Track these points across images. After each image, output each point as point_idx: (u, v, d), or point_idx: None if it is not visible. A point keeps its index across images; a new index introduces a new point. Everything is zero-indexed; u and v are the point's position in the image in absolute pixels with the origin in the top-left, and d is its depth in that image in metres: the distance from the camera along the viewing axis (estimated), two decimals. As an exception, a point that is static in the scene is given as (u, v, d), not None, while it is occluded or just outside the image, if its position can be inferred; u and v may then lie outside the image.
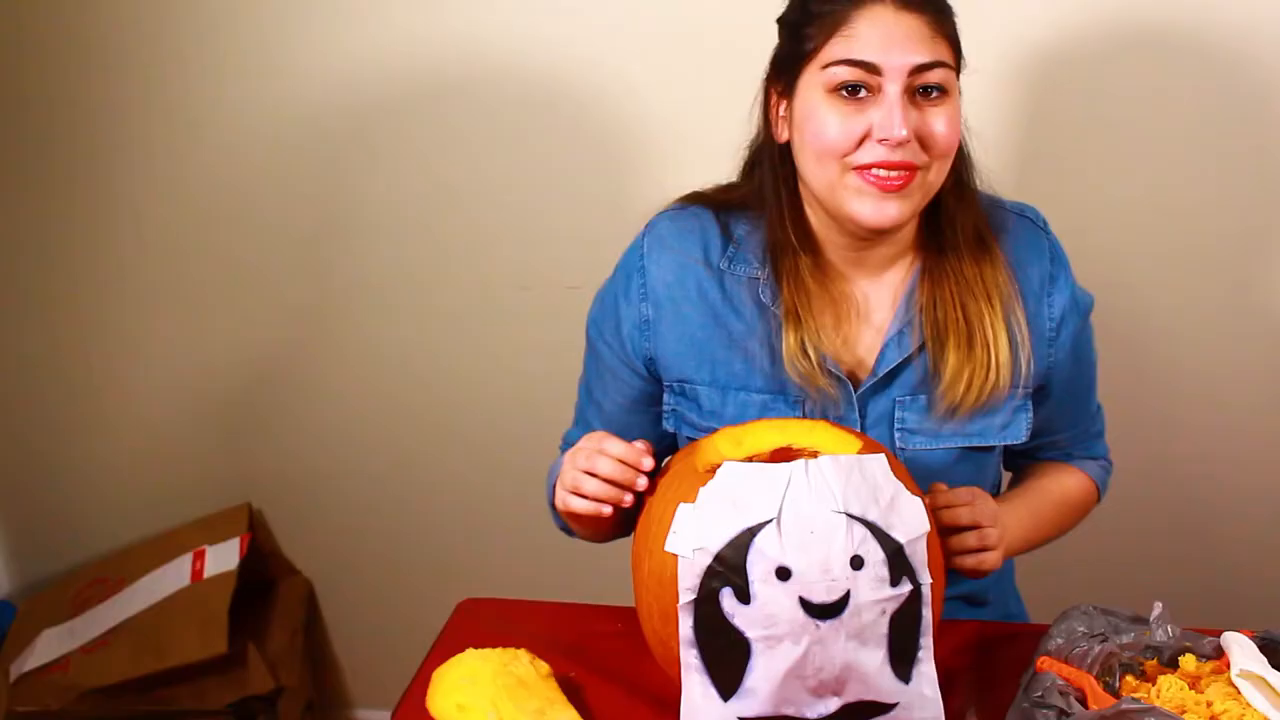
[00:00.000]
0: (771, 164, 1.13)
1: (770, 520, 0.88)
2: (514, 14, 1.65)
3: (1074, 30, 1.51)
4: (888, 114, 1.01)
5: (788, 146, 1.11)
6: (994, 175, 1.16)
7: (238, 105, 1.78)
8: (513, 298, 1.79)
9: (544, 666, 1.05)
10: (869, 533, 0.88)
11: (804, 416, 1.12)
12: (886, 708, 0.90)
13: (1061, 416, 1.23)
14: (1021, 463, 1.29)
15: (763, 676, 0.88)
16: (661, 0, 1.60)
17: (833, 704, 0.89)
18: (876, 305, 1.15)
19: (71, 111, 1.83)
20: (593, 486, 1.01)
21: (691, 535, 0.90)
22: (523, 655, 1.05)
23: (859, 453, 0.93)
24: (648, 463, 1.00)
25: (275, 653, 1.88)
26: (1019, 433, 1.16)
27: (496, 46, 1.67)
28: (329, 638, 2.11)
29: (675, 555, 0.90)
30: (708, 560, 0.88)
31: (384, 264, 1.83)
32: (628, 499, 1.00)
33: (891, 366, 1.12)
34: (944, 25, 1.03)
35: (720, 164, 1.20)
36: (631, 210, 1.24)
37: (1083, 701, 0.89)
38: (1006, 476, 1.31)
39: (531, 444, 1.29)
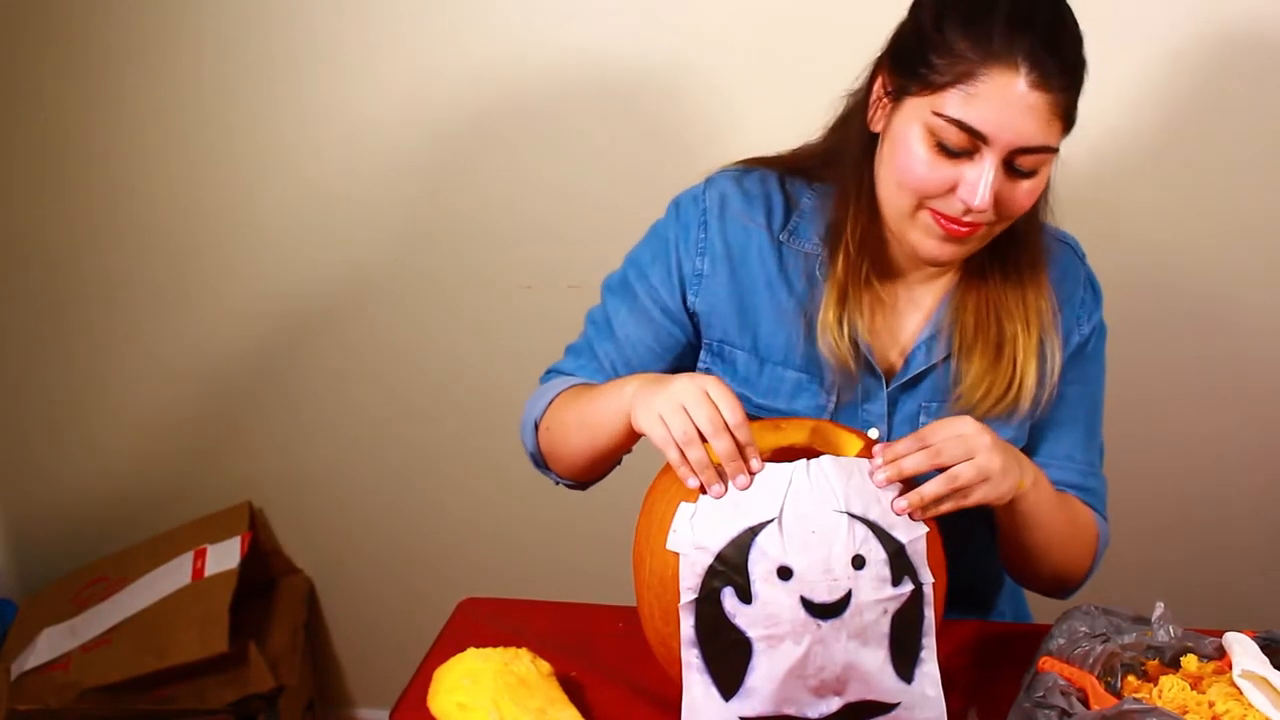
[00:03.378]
0: (855, 152, 1.09)
1: (772, 520, 0.88)
2: (518, 18, 1.65)
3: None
4: (977, 182, 0.98)
5: (876, 140, 1.07)
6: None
7: (238, 104, 1.78)
8: (515, 296, 1.79)
9: (545, 666, 1.05)
10: (870, 532, 0.88)
11: (832, 405, 1.12)
12: (888, 707, 0.90)
13: (1068, 441, 1.18)
14: None
15: (764, 676, 0.88)
16: (678, 6, 1.60)
17: (834, 704, 0.90)
18: (915, 308, 1.14)
19: (76, 111, 1.83)
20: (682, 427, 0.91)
21: (693, 534, 0.90)
22: (524, 654, 1.05)
23: (860, 453, 0.93)
24: (756, 464, 0.91)
25: (276, 652, 1.88)
26: (1019, 445, 1.14)
27: (497, 51, 1.67)
28: (329, 637, 2.11)
29: (677, 555, 0.90)
30: (709, 560, 0.88)
31: (384, 263, 1.83)
32: (717, 489, 0.91)
33: (920, 370, 1.12)
34: (1067, 104, 0.98)
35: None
36: (633, 209, 1.23)
37: (1084, 702, 0.89)
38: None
39: (533, 443, 1.30)
